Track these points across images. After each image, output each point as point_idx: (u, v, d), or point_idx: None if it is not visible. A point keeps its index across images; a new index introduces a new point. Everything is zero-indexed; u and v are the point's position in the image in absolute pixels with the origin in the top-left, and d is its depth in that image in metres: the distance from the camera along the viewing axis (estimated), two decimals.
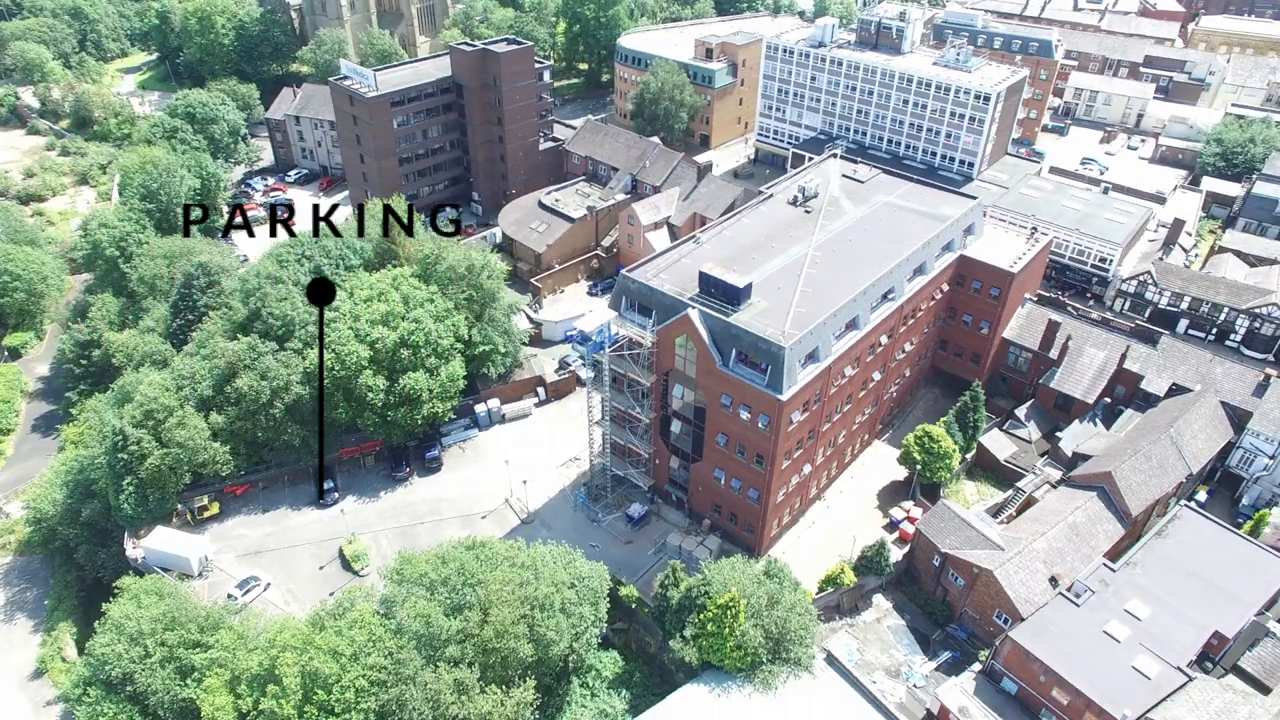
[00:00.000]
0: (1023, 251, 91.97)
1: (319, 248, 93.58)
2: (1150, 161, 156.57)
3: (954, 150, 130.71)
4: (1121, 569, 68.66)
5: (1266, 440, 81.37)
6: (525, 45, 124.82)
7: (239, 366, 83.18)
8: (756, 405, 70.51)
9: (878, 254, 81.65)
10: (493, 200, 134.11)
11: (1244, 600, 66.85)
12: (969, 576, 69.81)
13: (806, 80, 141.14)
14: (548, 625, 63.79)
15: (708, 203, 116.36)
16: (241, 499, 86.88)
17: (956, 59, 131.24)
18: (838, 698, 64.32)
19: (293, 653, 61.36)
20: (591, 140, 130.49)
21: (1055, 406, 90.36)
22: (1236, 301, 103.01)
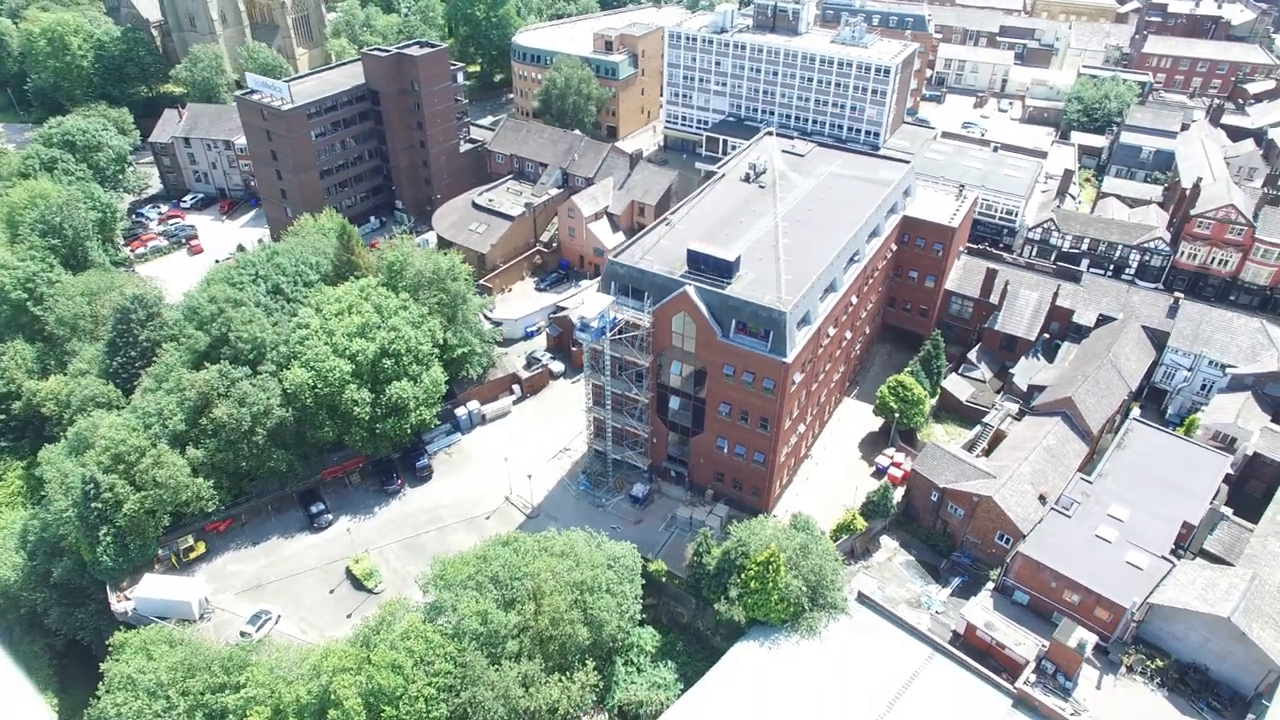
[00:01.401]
0: (955, 208, 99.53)
1: (273, 266, 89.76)
2: (1021, 122, 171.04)
3: (860, 122, 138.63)
4: (1097, 481, 76.27)
5: (1183, 355, 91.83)
6: (440, 47, 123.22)
7: (213, 396, 79.06)
8: (760, 371, 73.67)
9: (838, 220, 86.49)
10: (417, 207, 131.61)
11: (1199, 492, 75.71)
12: (968, 506, 75.65)
13: (711, 65, 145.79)
14: (599, 606, 64.95)
15: (644, 189, 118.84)
16: (227, 535, 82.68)
17: (852, 36, 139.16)
18: (875, 631, 68.50)
19: (348, 674, 59.69)
20: (514, 138, 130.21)
21: (1001, 347, 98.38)
22: (1129, 239, 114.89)
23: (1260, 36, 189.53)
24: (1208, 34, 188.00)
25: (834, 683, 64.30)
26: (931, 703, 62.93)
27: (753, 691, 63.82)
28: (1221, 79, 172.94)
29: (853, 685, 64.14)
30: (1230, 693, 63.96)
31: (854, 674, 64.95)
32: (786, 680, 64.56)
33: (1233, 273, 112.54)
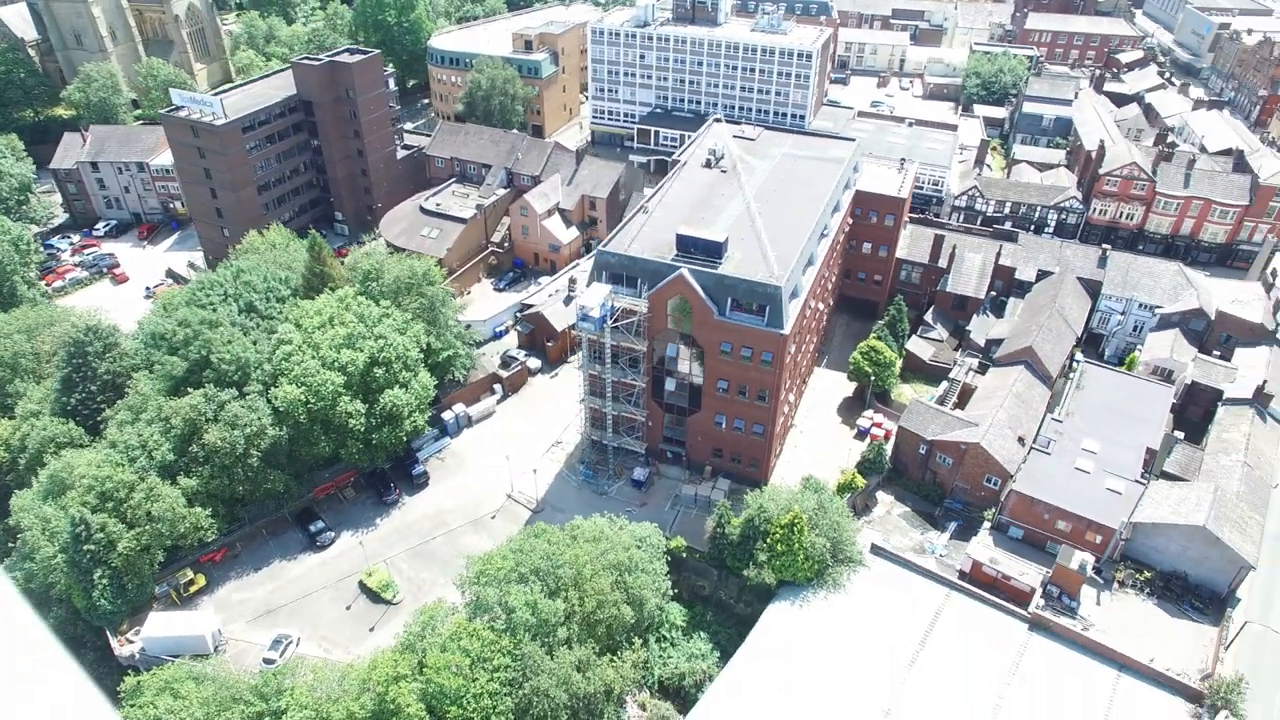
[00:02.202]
0: (900, 181, 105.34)
1: (242, 284, 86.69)
2: (923, 98, 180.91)
3: (785, 106, 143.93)
4: (1065, 420, 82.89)
5: (1116, 301, 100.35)
6: (373, 53, 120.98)
7: (201, 421, 76.13)
8: (759, 345, 76.66)
9: (803, 198, 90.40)
10: (358, 218, 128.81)
11: (1153, 421, 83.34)
12: (956, 454, 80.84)
13: (636, 59, 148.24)
14: (638, 585, 66.54)
15: (593, 183, 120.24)
16: (224, 565, 79.72)
17: (770, 24, 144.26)
18: (893, 578, 72.64)
19: (404, 682, 59.26)
20: (453, 141, 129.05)
21: (953, 307, 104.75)
22: (1046, 200, 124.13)
23: (1123, 11, 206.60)
24: (1078, 10, 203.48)
25: (866, 630, 68.01)
26: (957, 636, 67.47)
27: (794, 647, 66.79)
28: (1096, 50, 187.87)
29: (884, 629, 68.02)
30: (1208, 593, 71.19)
31: (883, 619, 68.85)
32: (823, 633, 67.82)
33: (1139, 225, 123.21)
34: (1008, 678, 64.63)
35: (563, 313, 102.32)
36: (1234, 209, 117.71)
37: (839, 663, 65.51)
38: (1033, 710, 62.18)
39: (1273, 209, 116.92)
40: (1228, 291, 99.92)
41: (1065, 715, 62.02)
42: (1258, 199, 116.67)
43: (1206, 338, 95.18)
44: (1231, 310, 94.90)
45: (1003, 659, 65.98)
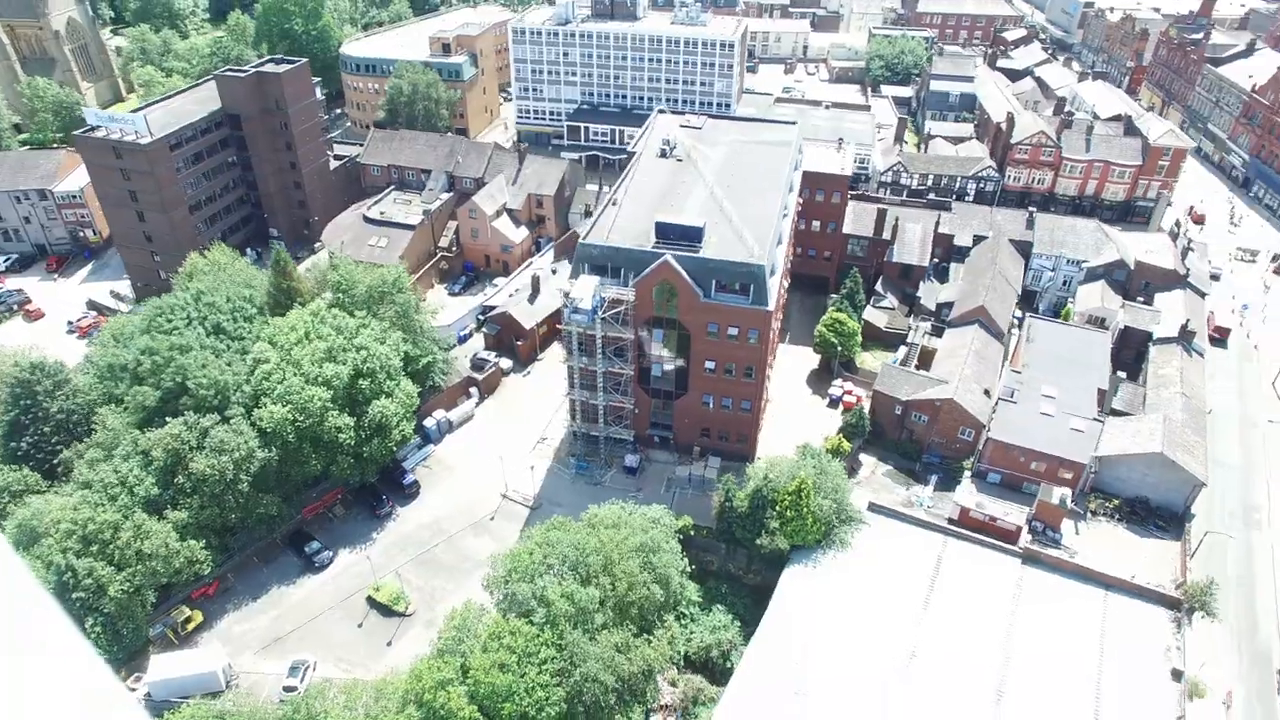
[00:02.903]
0: (841, 160, 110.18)
1: (205, 305, 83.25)
2: (830, 82, 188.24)
3: (710, 95, 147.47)
4: (1024, 370, 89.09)
5: (1046, 259, 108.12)
6: (301, 62, 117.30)
7: (184, 451, 73.08)
8: (745, 323, 79.38)
9: (762, 180, 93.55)
10: (294, 232, 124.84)
11: (1098, 365, 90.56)
12: (931, 411, 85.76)
13: (559, 57, 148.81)
14: (663, 564, 68.12)
15: (538, 181, 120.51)
16: (219, 598, 76.76)
17: (689, 16, 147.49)
18: (893, 532, 76.70)
19: (452, 686, 59.02)
20: (388, 149, 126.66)
21: (899, 276, 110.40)
22: (965, 171, 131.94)
23: None
24: None
25: (878, 581, 71.73)
26: (961, 577, 71.99)
27: (814, 605, 69.81)
28: (983, 30, 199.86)
29: (893, 579, 71.91)
30: (1168, 512, 78.32)
31: (890, 569, 72.75)
32: (838, 589, 71.13)
33: (1049, 189, 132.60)
34: (1011, 608, 69.53)
35: (530, 311, 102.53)
36: (1130, 169, 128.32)
37: (859, 614, 68.94)
38: (1038, 634, 67.16)
39: (1162, 167, 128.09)
40: (1140, 243, 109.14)
41: (1066, 634, 67.28)
42: (1149, 159, 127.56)
43: (1129, 286, 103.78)
44: (1147, 259, 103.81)
45: (1004, 592, 70.91)
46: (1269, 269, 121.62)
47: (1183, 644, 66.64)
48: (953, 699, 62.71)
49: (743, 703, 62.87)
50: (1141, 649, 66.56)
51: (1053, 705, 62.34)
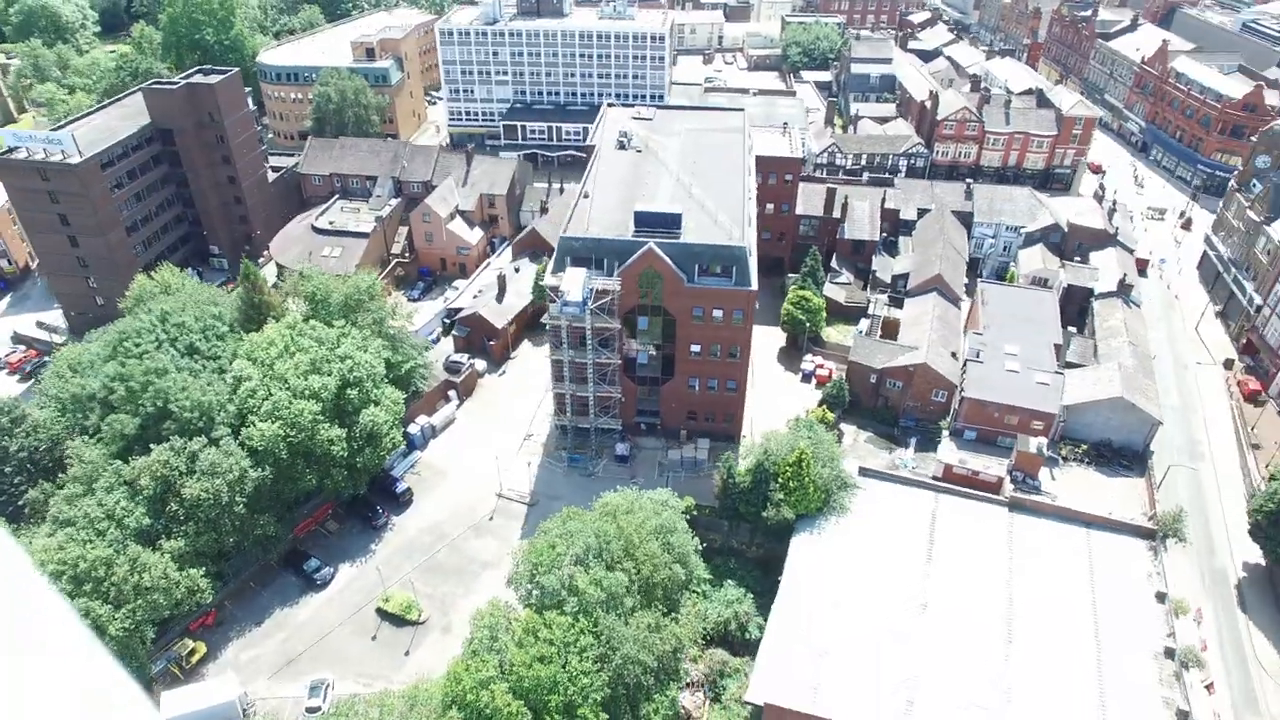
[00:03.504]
0: (789, 143, 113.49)
1: (175, 326, 79.78)
2: (748, 70, 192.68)
3: (644, 88, 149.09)
4: (985, 332, 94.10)
5: (987, 227, 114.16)
6: (233, 71, 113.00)
7: (174, 477, 70.20)
8: (729, 304, 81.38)
9: (723, 167, 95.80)
10: (235, 249, 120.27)
11: (1049, 322, 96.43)
12: (905, 377, 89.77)
13: (489, 57, 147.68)
14: (680, 544, 69.48)
15: (490, 181, 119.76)
16: (219, 627, 74.09)
17: (617, 11, 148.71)
18: (886, 493, 79.92)
19: (494, 683, 58.92)
20: (328, 157, 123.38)
21: (852, 253, 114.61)
22: (895, 149, 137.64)
23: None
24: None
25: (880, 540, 74.83)
26: (956, 529, 75.82)
27: (825, 569, 72.36)
28: (889, 14, 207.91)
29: (895, 537, 75.13)
30: (1130, 453, 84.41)
31: (891, 529, 75.97)
32: (845, 551, 73.91)
33: (975, 161, 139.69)
34: (1006, 553, 73.76)
35: (499, 310, 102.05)
36: (1047, 139, 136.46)
37: (868, 573, 71.85)
38: (1034, 574, 71.50)
39: (1075, 135, 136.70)
40: (1069, 207, 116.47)
41: (1058, 571, 71.88)
42: (1063, 128, 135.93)
43: (1064, 247, 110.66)
44: (1079, 221, 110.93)
45: (996, 539, 75.10)
46: (1177, 225, 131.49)
47: (1161, 569, 72.15)
48: (968, 643, 66.23)
49: (773, 670, 64.80)
50: (1126, 577, 71.71)
51: (1058, 637, 66.58)
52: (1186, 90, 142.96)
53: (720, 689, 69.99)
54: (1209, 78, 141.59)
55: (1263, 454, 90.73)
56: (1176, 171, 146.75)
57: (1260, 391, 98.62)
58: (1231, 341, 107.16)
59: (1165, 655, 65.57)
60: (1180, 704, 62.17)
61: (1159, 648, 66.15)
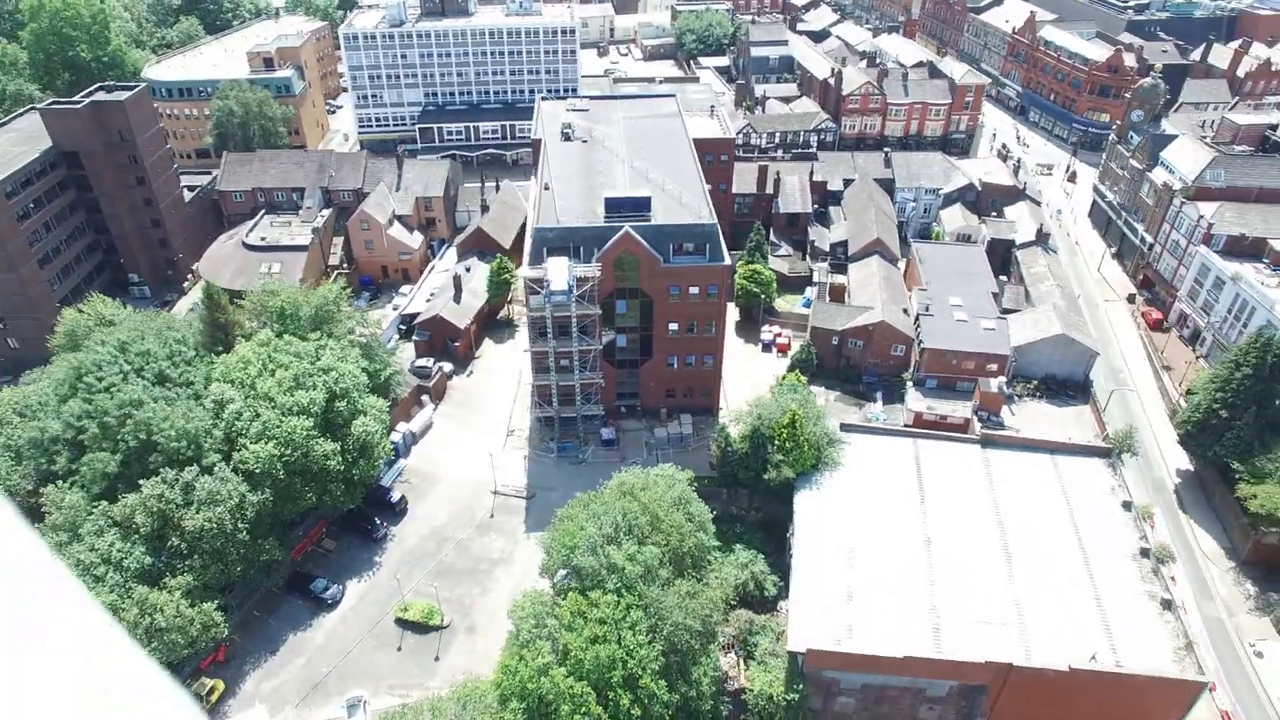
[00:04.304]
0: (719, 125, 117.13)
1: (139, 355, 75.30)
2: (644, 60, 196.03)
3: (557, 82, 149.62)
4: (928, 287, 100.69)
5: (908, 191, 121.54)
6: (141, 86, 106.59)
7: (171, 510, 66.83)
8: (704, 280, 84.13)
9: (670, 151, 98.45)
10: (157, 275, 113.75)
11: (982, 273, 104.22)
12: (866, 336, 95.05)
13: (397, 60, 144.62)
14: (698, 513, 71.81)
15: (424, 184, 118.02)
16: (230, 662, 71.03)
17: (523, 7, 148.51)
18: (869, 445, 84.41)
19: (552, 670, 59.42)
20: (248, 172, 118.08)
21: (787, 226, 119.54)
22: (806, 125, 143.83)
23: None
24: None
25: (875, 487, 79.40)
26: (938, 469, 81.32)
27: (830, 520, 76.25)
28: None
29: (887, 483, 79.87)
30: (1074, 384, 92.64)
31: (882, 477, 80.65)
32: (845, 502, 78.04)
33: (879, 132, 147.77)
34: (987, 484, 79.77)
35: (459, 311, 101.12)
36: (943, 106, 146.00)
37: (872, 518, 76.17)
38: (1016, 500, 77.74)
39: (968, 102, 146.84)
40: (977, 167, 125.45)
41: (1036, 495, 78.38)
42: (957, 96, 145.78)
43: (979, 205, 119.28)
44: (990, 180, 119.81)
45: (977, 473, 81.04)
46: (1064, 179, 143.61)
47: (1122, 481, 79.94)
48: (973, 569, 71.51)
49: (807, 618, 68.06)
50: (1093, 493, 78.99)
51: (1048, 551, 72.79)
52: (1056, 56, 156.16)
53: (752, 646, 72.75)
54: (1074, 44, 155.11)
55: (1174, 374, 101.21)
56: (1054, 131, 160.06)
57: (1162, 320, 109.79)
58: (1130, 279, 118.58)
59: (1141, 555, 72.89)
60: (1163, 595, 69.51)
61: (1134, 550, 73.42)
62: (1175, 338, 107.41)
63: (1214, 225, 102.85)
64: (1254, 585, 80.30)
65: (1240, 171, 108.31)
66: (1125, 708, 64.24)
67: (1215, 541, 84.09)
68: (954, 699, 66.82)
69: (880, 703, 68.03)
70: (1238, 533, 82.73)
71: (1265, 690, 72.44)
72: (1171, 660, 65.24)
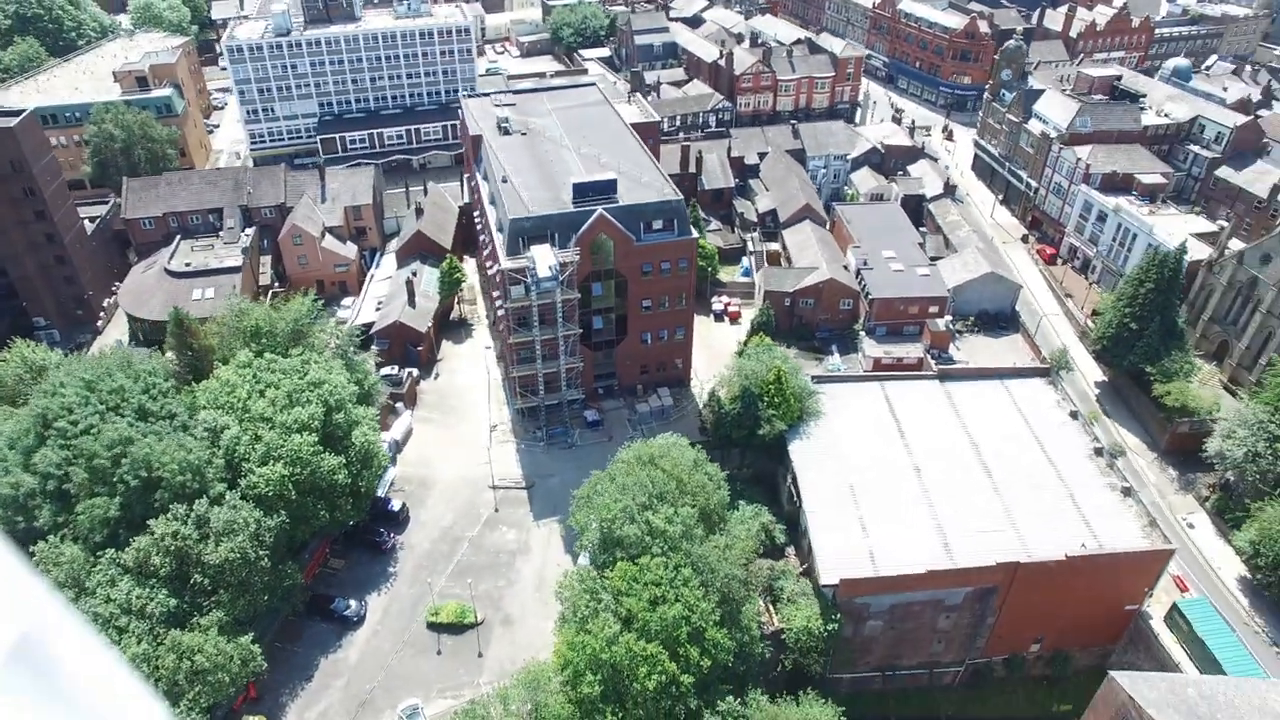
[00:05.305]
0: (638, 110, 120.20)
1: (113, 393, 70.36)
2: (522, 57, 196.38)
3: (454, 83, 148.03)
4: (861, 244, 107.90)
5: (819, 159, 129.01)
6: (28, 110, 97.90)
7: (188, 547, 63.65)
8: (674, 254, 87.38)
9: (612, 137, 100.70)
10: (66, 315, 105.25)
11: (905, 228, 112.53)
12: (816, 294, 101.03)
13: (287, 71, 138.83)
14: (714, 472, 75.17)
15: (351, 194, 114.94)
16: (264, 697, 68.31)
17: (412, 9, 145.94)
18: (842, 393, 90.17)
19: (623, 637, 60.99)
20: (155, 197, 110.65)
21: (712, 201, 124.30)
22: (704, 107, 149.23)
23: None
24: None
25: (857, 429, 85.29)
26: (908, 405, 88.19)
27: (825, 463, 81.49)
28: None
29: (866, 423, 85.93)
30: (1004, 316, 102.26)
31: (861, 419, 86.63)
32: (836, 446, 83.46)
33: (771, 108, 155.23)
34: (953, 413, 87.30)
35: (416, 315, 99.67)
36: (827, 79, 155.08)
37: (862, 456, 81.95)
38: (981, 423, 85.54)
39: (849, 74, 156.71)
40: (877, 132, 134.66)
41: (997, 416, 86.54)
42: (839, 69, 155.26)
43: (884, 166, 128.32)
44: (890, 142, 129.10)
45: (942, 405, 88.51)
46: (942, 138, 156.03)
47: (1064, 395, 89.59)
48: (964, 488, 78.35)
49: (832, 553, 72.83)
50: (1043, 408, 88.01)
51: (1020, 462, 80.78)
52: (918, 27, 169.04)
53: (778, 590, 76.80)
54: (932, 14, 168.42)
55: (1075, 300, 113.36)
56: (923, 95, 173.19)
57: (1055, 254, 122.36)
58: (1020, 221, 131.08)
59: (1095, 454, 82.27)
60: (1121, 485, 78.96)
61: (1089, 451, 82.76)
62: (1069, 269, 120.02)
63: (1091, 166, 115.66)
64: (1175, 470, 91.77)
65: (1101, 117, 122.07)
66: (1110, 583, 72.92)
67: (1138, 438, 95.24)
68: (969, 604, 73.51)
69: (905, 620, 73.89)
70: (1156, 427, 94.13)
71: (1201, 553, 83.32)
72: (1141, 537, 74.53)
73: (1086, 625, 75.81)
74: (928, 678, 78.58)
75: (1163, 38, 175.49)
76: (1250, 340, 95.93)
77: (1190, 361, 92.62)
